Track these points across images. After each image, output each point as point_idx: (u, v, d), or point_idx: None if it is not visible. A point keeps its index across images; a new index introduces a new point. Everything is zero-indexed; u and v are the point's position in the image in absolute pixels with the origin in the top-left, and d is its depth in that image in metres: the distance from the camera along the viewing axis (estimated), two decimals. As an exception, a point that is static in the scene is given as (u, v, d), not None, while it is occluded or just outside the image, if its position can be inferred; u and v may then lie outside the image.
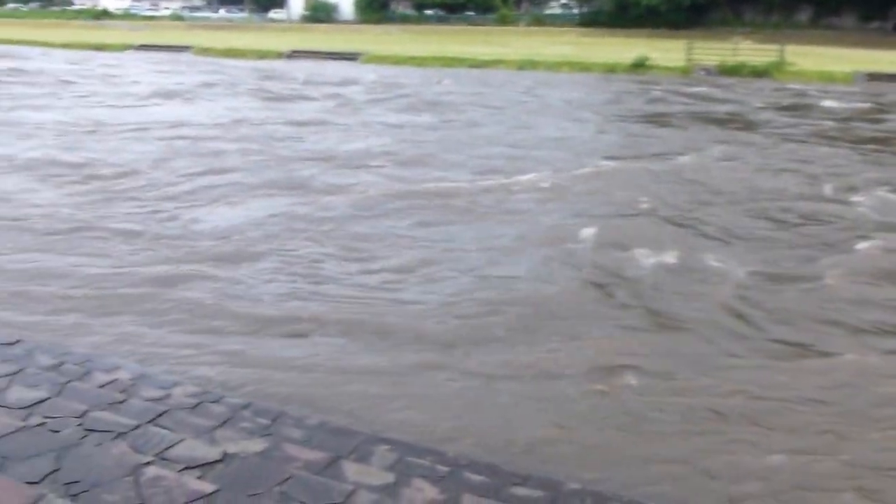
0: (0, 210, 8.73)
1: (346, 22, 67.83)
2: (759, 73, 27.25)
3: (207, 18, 78.86)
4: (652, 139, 14.98)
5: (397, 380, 4.96)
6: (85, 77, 26.22)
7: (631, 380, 4.95)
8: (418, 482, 3.11)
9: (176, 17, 77.42)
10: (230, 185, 10.14)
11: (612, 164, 12.13)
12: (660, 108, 19.84)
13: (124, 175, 10.61)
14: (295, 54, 37.81)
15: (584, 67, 30.17)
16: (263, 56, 37.59)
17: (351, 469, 3.23)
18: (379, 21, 65.56)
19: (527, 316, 5.94)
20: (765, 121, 17.46)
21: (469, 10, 68.38)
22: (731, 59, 28.41)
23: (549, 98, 21.68)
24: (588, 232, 8.01)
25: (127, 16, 79.15)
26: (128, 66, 31.55)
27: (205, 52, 39.96)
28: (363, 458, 3.45)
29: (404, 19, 68.05)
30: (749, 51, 28.63)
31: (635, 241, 7.67)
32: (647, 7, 53.24)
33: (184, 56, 38.78)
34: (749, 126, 16.75)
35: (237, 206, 9.18)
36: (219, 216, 8.71)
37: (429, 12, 69.79)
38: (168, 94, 21.33)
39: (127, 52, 41.25)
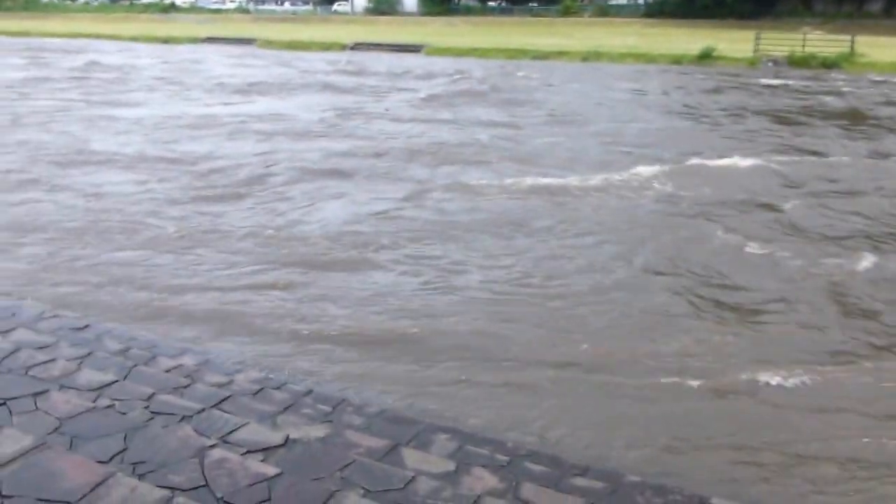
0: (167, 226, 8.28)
1: (409, 14, 67.89)
2: (829, 64, 26.36)
3: (273, 11, 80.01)
4: (777, 135, 14.24)
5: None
6: (169, 71, 26.66)
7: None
8: (478, 471, 3.07)
9: (242, 10, 78.74)
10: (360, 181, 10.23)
11: (782, 158, 11.46)
12: (765, 101, 18.95)
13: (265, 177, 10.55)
14: (358, 46, 38.07)
15: (649, 59, 29.63)
16: (327, 48, 37.95)
17: (411, 456, 3.21)
18: (442, 13, 65.45)
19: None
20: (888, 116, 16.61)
21: (533, 1, 67.95)
22: (800, 51, 27.51)
23: (640, 90, 21.12)
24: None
25: (194, 9, 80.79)
26: (208, 60, 31.90)
27: (269, 44, 40.57)
28: (423, 446, 3.43)
29: (468, 11, 67.84)
30: (818, 42, 27.70)
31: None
32: (714, -3, 51.94)
33: (250, 49, 39.44)
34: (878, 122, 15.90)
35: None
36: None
37: (492, 4, 69.48)
38: (259, 89, 21.44)
39: (195, 44, 42.15)
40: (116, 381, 3.83)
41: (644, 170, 10.57)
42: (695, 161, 11.32)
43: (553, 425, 4.18)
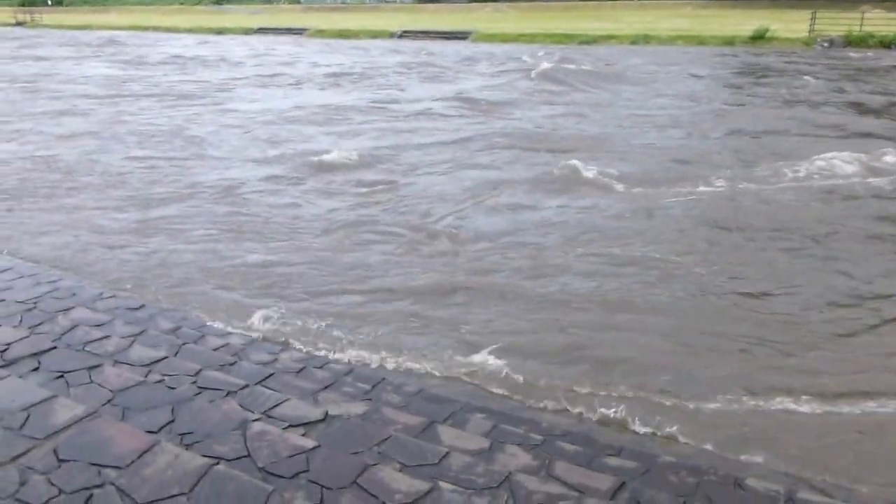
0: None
1: (456, 1, 67.67)
2: (887, 43, 25.45)
3: (323, 1, 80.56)
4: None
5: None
6: (259, 63, 26.48)
7: None
8: (512, 448, 3.13)
9: (293, 1, 79.50)
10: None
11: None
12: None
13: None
14: (406, 34, 38.18)
15: (700, 41, 29.07)
16: (375, 36, 38.17)
17: (447, 433, 3.28)
18: (490, 0, 65.06)
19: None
20: None
21: None
22: (858, 30, 26.65)
23: (713, 75, 20.36)
24: None
25: (246, 0, 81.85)
26: (279, 50, 32.03)
27: (319, 33, 40.96)
28: (459, 424, 3.50)
29: (511, -4, 67.23)
30: (878, 20, 26.80)
31: None
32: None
33: (302, 38, 39.84)
34: None
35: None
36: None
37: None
38: (352, 78, 21.19)
39: (248, 35, 42.73)
40: (166, 357, 3.98)
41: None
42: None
43: None
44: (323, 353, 4.78)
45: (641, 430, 3.80)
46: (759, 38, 27.78)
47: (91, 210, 8.26)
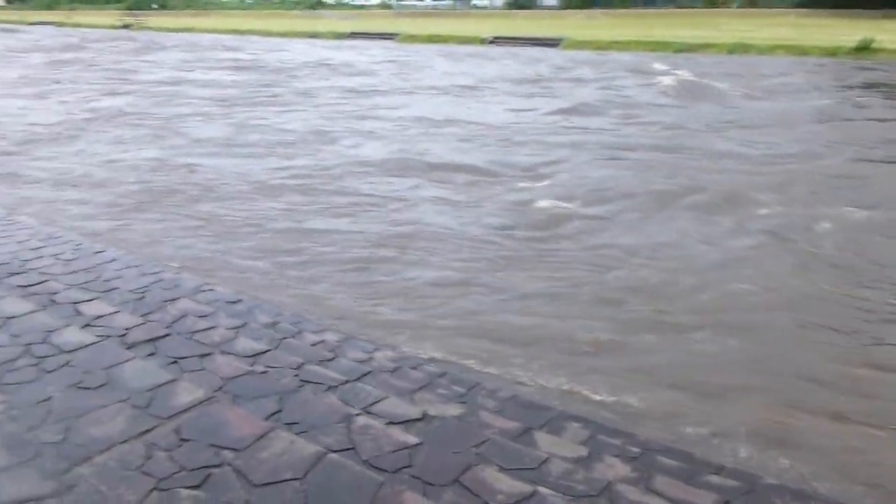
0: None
1: (549, 8, 67.31)
2: None
3: (414, 7, 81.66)
4: None
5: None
6: (400, 69, 26.20)
7: None
8: (610, 459, 3.14)
9: (384, 6, 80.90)
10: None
11: None
12: None
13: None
14: (497, 40, 38.30)
15: (801, 51, 28.05)
16: (466, 42, 38.38)
17: (544, 440, 3.31)
18: (582, 6, 64.21)
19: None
20: None
21: None
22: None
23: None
24: None
25: (339, 5, 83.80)
26: (413, 56, 31.58)
27: (410, 38, 41.47)
28: (555, 432, 3.53)
29: (608, 4, 66.28)
30: None
31: None
32: (875, -15, 48.42)
33: (394, 43, 40.43)
34: None
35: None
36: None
37: (635, -4, 67.48)
38: (508, 85, 20.21)
39: (341, 39, 43.65)
40: (269, 350, 4.15)
41: None
42: None
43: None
44: (416, 354, 4.87)
45: (743, 451, 3.74)
46: (863, 49, 26.66)
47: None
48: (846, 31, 31.27)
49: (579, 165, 10.23)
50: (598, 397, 4.29)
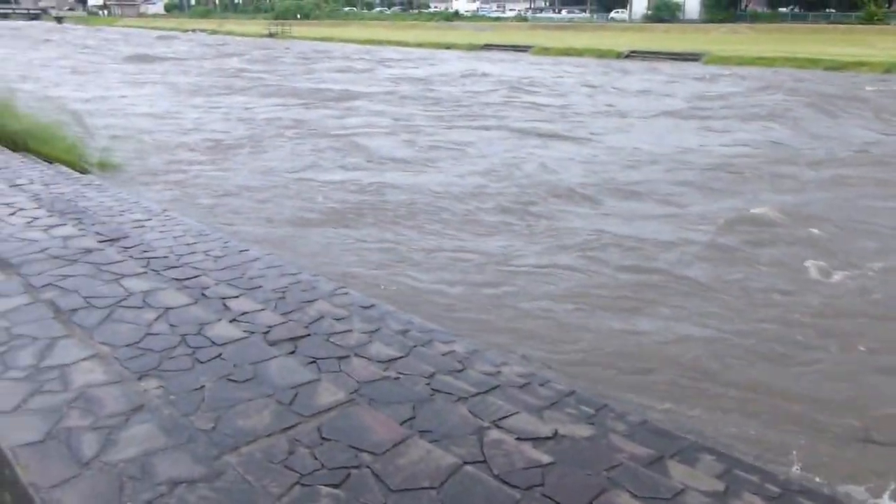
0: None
1: (690, 21, 65.12)
2: None
3: (550, 19, 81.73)
4: None
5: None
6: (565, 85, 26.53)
7: None
8: (749, 497, 3.03)
9: (520, 19, 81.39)
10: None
11: None
12: None
13: None
14: (633, 54, 37.68)
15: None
16: (602, 56, 38.01)
17: (677, 469, 3.23)
18: (725, 20, 61.50)
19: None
20: None
21: (830, 7, 61.15)
22: None
23: None
24: None
25: (475, 17, 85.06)
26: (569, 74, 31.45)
27: (544, 51, 41.46)
28: (688, 462, 3.43)
29: (754, 18, 63.35)
30: None
31: None
32: None
33: (528, 56, 40.51)
34: None
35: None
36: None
37: (783, 10, 64.26)
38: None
39: (474, 51, 44.14)
40: (401, 356, 4.25)
41: None
42: None
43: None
44: (545, 371, 4.86)
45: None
46: None
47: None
48: None
49: None
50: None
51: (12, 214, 6.14)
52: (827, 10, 61.18)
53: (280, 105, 20.21)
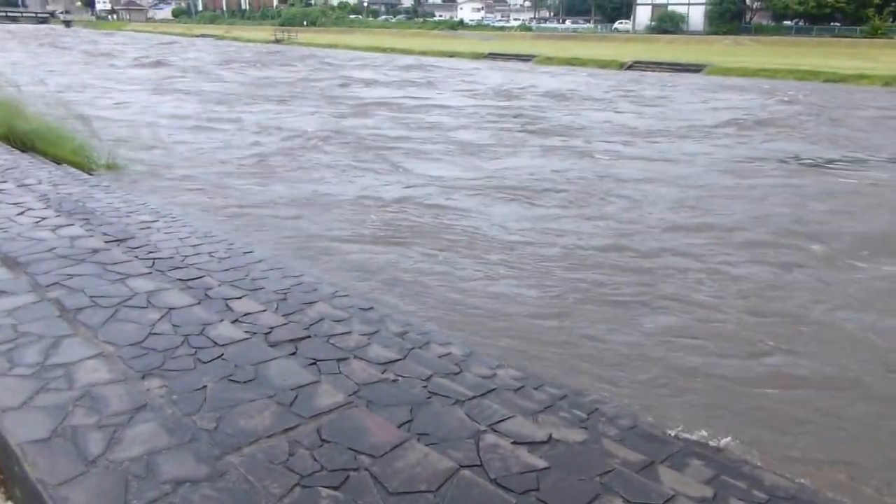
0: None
1: (693, 33, 65.10)
2: None
3: (554, 29, 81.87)
4: None
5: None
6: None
7: None
8: (736, 503, 3.10)
9: (524, 29, 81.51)
10: None
11: None
12: None
13: None
14: (636, 65, 37.80)
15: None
16: (604, 66, 38.15)
17: (667, 475, 3.30)
18: (729, 32, 61.61)
19: None
20: None
21: (835, 21, 60.86)
22: None
23: None
24: None
25: (480, 27, 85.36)
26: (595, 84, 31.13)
27: (547, 61, 41.60)
28: (678, 467, 3.51)
29: (758, 30, 63.32)
30: None
31: None
32: None
33: (531, 65, 40.61)
34: None
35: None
36: None
37: (787, 24, 64.21)
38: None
39: (478, 60, 44.27)
40: (399, 359, 4.32)
41: None
42: None
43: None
44: (538, 374, 4.93)
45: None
46: None
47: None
48: None
49: None
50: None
51: (20, 214, 6.22)
52: (831, 24, 60.94)
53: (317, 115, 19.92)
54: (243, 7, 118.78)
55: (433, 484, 2.71)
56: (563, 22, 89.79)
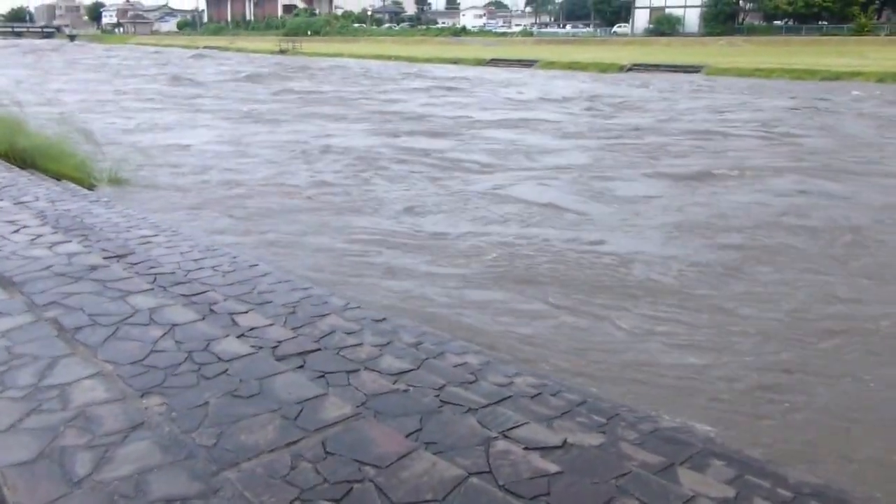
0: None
1: (690, 35, 66.25)
2: None
3: (555, 34, 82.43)
4: None
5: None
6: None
7: None
8: (760, 502, 2.95)
9: (526, 34, 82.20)
10: None
11: None
12: None
13: None
14: (635, 67, 37.81)
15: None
16: (605, 70, 38.24)
17: (687, 476, 3.17)
18: (724, 33, 63.13)
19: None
20: None
21: (822, 20, 62.97)
22: None
23: None
24: None
25: (482, 33, 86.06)
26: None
27: (550, 65, 41.75)
28: (699, 468, 3.37)
29: (751, 31, 64.74)
30: None
31: None
32: None
33: (534, 70, 40.75)
34: None
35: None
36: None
37: (778, 24, 65.27)
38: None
39: (481, 66, 44.46)
40: (412, 369, 4.20)
41: None
42: None
43: None
44: (557, 380, 4.80)
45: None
46: None
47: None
48: None
49: None
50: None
51: (15, 232, 6.13)
52: (819, 23, 62.79)
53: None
54: (248, 18, 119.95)
55: (439, 493, 2.59)
56: (564, 26, 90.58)
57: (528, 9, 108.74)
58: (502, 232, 9.06)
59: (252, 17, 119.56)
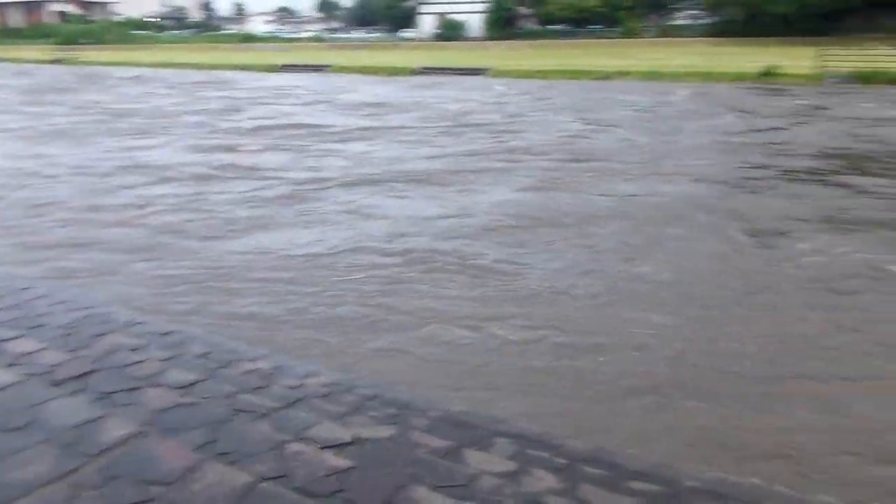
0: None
1: (473, 39, 69.45)
2: (896, 80, 25.72)
3: (347, 39, 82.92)
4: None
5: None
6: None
7: None
8: (539, 472, 3.25)
9: (316, 39, 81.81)
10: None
11: None
12: None
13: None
14: (425, 70, 38.83)
15: (710, 77, 29.50)
16: (396, 73, 38.88)
17: (473, 456, 3.39)
18: (505, 37, 66.68)
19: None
20: None
21: (596, 24, 68.42)
22: (865, 67, 26.89)
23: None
24: None
25: (272, 38, 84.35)
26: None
27: (343, 69, 41.79)
28: (485, 448, 3.62)
29: (530, 35, 68.90)
30: (886, 58, 26.96)
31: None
32: (777, 16, 51.28)
33: (327, 74, 40.56)
34: None
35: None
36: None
37: (554, 28, 70.16)
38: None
39: (273, 73, 43.40)
40: (201, 380, 4.12)
41: None
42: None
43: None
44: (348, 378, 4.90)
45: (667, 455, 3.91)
46: (768, 74, 28.23)
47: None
48: (752, 58, 33.19)
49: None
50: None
51: None
52: (592, 27, 68.71)
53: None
54: (10, 26, 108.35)
55: (231, 501, 2.60)
56: (349, 32, 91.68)
57: (317, 15, 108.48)
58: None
59: (20, 25, 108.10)
